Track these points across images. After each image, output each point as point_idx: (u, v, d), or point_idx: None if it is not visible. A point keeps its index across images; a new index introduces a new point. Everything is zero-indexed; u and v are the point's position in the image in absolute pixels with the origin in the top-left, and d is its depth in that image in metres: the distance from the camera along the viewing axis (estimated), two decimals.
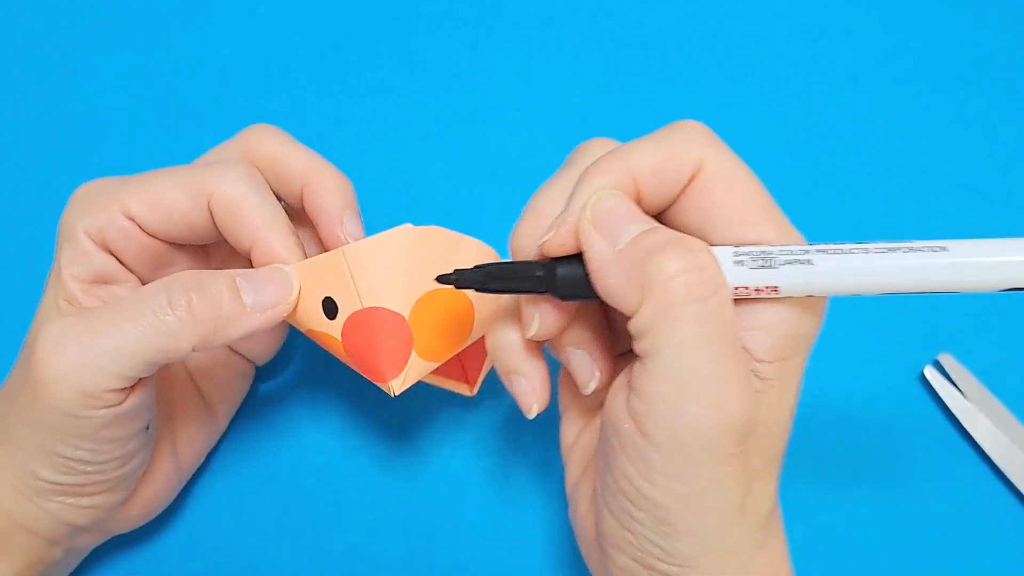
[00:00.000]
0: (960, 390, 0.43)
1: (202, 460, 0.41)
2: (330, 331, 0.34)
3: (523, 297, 0.30)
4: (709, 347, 0.26)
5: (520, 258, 0.30)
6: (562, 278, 0.28)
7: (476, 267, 0.29)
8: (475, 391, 0.39)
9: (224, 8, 0.51)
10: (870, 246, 0.25)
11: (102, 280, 0.35)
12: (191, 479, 0.41)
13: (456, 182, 0.48)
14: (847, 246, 0.25)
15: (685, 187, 0.29)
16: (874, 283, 0.24)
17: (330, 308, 0.34)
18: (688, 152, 0.28)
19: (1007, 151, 0.48)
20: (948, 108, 0.49)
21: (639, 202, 0.29)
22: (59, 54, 0.51)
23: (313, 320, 0.35)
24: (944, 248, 0.23)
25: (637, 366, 0.27)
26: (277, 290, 0.34)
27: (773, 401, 0.28)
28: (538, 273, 0.29)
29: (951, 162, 0.48)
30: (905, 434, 0.43)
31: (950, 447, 0.43)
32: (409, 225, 0.34)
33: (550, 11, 0.51)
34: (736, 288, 0.27)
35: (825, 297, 0.28)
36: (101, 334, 0.31)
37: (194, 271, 0.33)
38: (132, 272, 0.36)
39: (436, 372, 0.38)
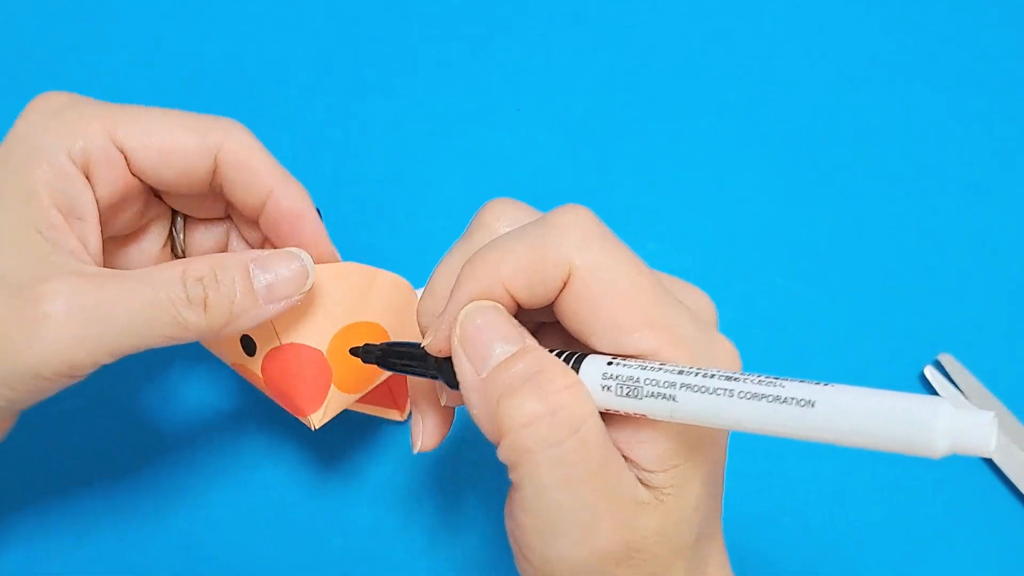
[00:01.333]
0: (960, 390, 0.43)
1: None
2: (251, 366, 0.34)
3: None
4: (570, 488, 0.25)
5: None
6: (447, 374, 0.29)
7: (382, 344, 0.31)
8: (405, 415, 0.38)
9: (224, 8, 0.52)
10: (738, 387, 0.23)
11: (75, 214, 0.32)
12: (189, 482, 0.41)
13: (456, 182, 0.48)
14: (716, 382, 0.23)
15: (562, 289, 0.27)
16: (740, 426, 0.23)
17: (248, 346, 0.34)
18: (557, 257, 0.26)
19: (1007, 151, 0.48)
20: (948, 108, 0.49)
21: (519, 303, 0.28)
22: (59, 54, 0.51)
23: (234, 354, 0.35)
24: (811, 403, 0.22)
25: (511, 491, 0.27)
26: (292, 279, 0.32)
27: (671, 506, 0.27)
28: (432, 361, 0.29)
29: (951, 162, 0.48)
30: None
31: None
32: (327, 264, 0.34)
33: (550, 11, 0.51)
34: (607, 410, 0.26)
35: None
36: (116, 311, 0.29)
37: (210, 257, 0.31)
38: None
39: (364, 400, 0.38)
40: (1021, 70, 0.50)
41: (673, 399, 0.24)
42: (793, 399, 0.22)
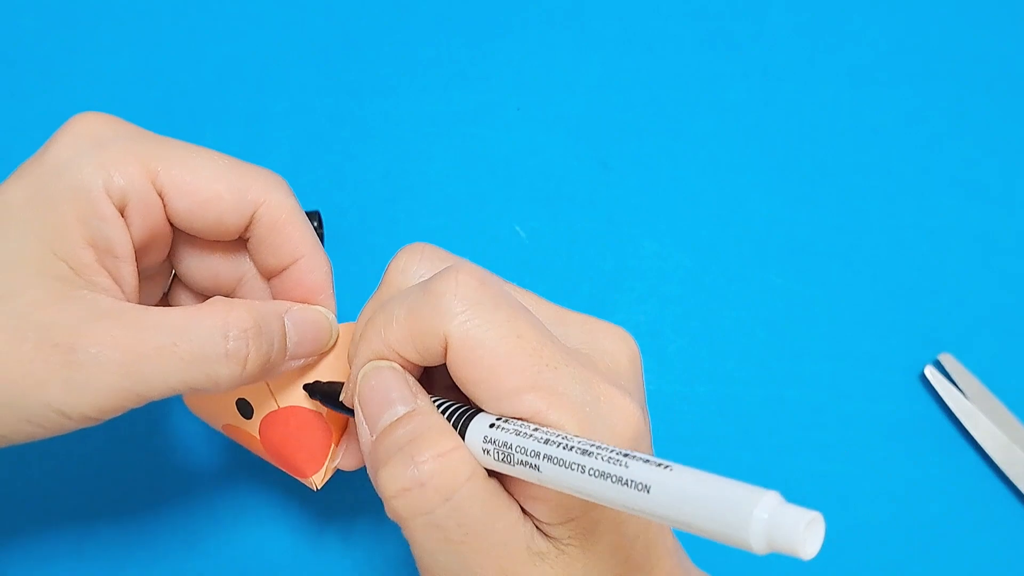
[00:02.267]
0: (960, 390, 0.43)
1: None
2: (247, 428, 0.34)
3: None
4: (449, 548, 0.26)
5: None
6: None
7: (320, 383, 0.32)
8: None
9: (224, 8, 0.51)
10: (589, 463, 0.23)
11: (111, 253, 0.30)
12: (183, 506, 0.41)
13: (456, 182, 0.48)
14: (572, 455, 0.24)
15: (445, 355, 0.27)
16: (594, 499, 0.23)
17: (245, 409, 0.33)
18: (431, 326, 0.27)
19: (1007, 151, 0.48)
20: (948, 108, 0.49)
21: (414, 362, 0.28)
22: (59, 54, 0.51)
23: (229, 417, 0.34)
24: (647, 488, 0.22)
25: None
26: (317, 340, 0.32)
27: (574, 556, 0.27)
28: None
29: (951, 162, 0.48)
30: (905, 434, 0.43)
31: (950, 447, 0.43)
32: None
33: (550, 11, 0.51)
34: (492, 469, 0.27)
35: None
36: (151, 363, 0.28)
37: (250, 306, 0.30)
38: None
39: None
40: (1021, 70, 0.50)
41: (537, 469, 0.24)
42: (632, 482, 0.22)
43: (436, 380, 0.30)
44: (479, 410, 0.27)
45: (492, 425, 0.26)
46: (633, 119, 0.49)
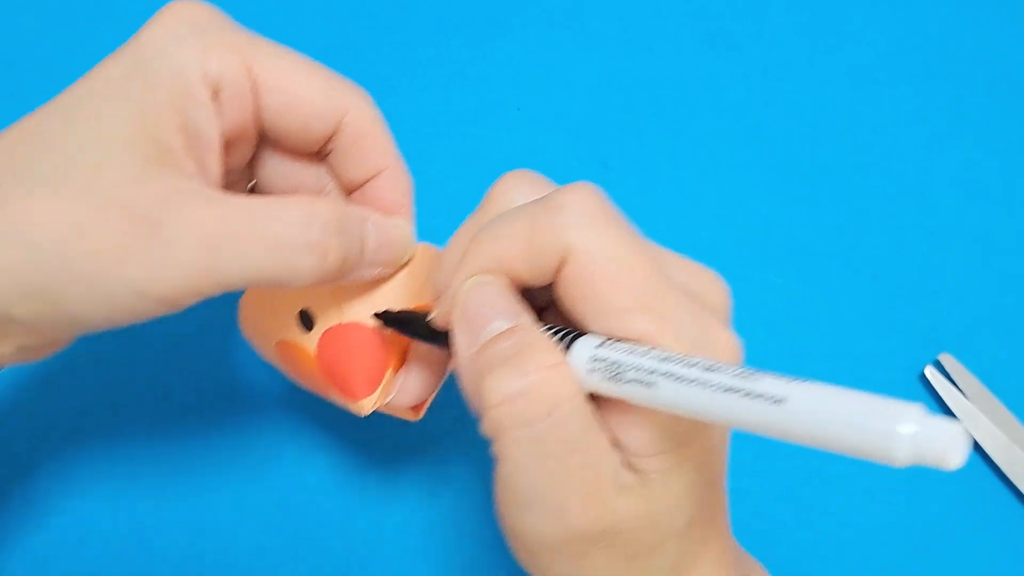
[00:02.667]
0: (960, 390, 0.43)
1: None
2: (304, 343, 0.33)
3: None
4: (543, 465, 0.26)
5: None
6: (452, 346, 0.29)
7: (400, 312, 0.32)
8: (421, 414, 0.35)
9: (224, 8, 0.51)
10: (714, 378, 0.22)
11: (200, 139, 0.29)
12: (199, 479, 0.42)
13: (456, 182, 0.48)
14: (695, 372, 0.23)
15: (559, 271, 0.27)
16: (712, 418, 0.22)
17: (307, 321, 0.33)
18: (552, 238, 0.26)
19: (1007, 151, 0.48)
20: (949, 108, 0.49)
21: (520, 280, 0.28)
22: (59, 54, 0.51)
23: (286, 330, 0.33)
24: (782, 401, 0.21)
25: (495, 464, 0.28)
26: (395, 250, 0.32)
27: (656, 492, 0.27)
28: (442, 332, 0.30)
29: (951, 162, 0.48)
30: None
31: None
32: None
33: (550, 11, 0.51)
34: (594, 391, 0.26)
35: None
36: (234, 246, 0.28)
37: (335, 203, 0.30)
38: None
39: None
40: (1021, 70, 0.50)
41: (653, 385, 0.24)
42: (763, 395, 0.21)
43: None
44: (581, 333, 0.26)
45: (599, 345, 0.25)
46: (633, 119, 0.49)
